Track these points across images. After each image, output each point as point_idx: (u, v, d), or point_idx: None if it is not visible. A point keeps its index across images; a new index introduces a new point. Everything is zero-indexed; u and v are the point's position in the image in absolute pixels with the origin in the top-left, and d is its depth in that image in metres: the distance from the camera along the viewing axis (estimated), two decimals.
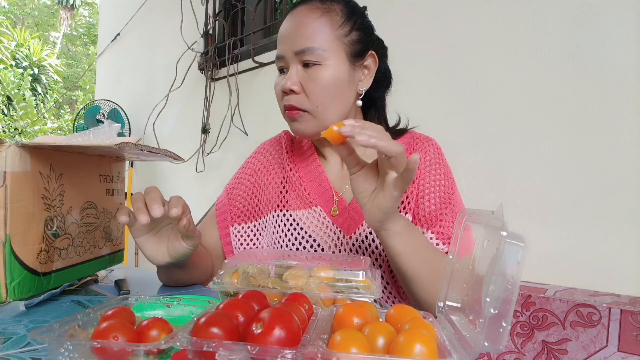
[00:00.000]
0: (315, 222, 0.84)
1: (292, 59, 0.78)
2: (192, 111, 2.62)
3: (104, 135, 0.84)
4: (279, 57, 0.81)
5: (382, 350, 0.40)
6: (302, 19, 0.79)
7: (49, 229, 0.74)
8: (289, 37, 0.79)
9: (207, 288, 0.94)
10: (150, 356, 0.43)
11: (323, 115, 0.79)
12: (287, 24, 0.81)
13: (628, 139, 1.07)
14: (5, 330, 0.59)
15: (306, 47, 0.76)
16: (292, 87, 0.77)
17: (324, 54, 0.77)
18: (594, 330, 1.01)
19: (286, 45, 0.79)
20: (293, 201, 0.87)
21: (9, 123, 9.27)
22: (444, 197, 0.80)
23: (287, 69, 0.80)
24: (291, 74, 0.78)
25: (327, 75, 0.77)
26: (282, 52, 0.80)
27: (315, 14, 0.79)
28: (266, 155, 0.96)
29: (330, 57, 0.77)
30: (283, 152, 0.94)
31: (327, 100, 0.78)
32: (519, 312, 1.13)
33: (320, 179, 0.88)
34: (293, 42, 0.78)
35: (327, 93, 0.78)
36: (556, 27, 1.20)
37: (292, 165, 0.91)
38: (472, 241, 0.50)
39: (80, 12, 17.42)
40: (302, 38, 0.77)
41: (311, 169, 0.90)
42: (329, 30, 0.78)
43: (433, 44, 1.48)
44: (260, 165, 0.95)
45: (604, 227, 1.09)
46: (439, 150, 0.87)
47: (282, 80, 0.81)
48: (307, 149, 0.93)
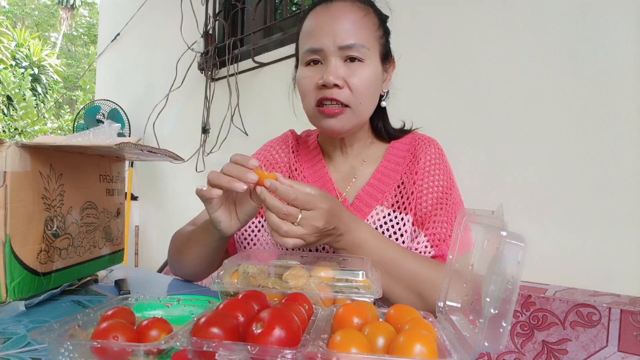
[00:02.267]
0: None
1: (334, 52, 0.77)
2: (192, 111, 2.62)
3: (104, 135, 0.84)
4: (315, 50, 0.78)
5: (382, 350, 0.40)
6: (347, 14, 0.78)
7: (49, 229, 0.74)
8: (332, 30, 0.77)
9: (207, 288, 0.94)
10: (150, 356, 0.43)
11: (362, 112, 0.80)
12: (326, 16, 0.79)
13: (628, 139, 1.07)
14: (5, 330, 0.59)
15: (354, 42, 0.76)
16: (337, 82, 0.76)
17: (368, 52, 0.78)
18: (594, 330, 1.01)
19: (328, 39, 0.77)
20: None
21: (9, 123, 9.27)
22: (441, 197, 0.81)
23: (323, 61, 0.79)
24: (334, 69, 0.76)
25: (369, 72, 0.79)
26: (321, 45, 0.78)
27: (360, 12, 0.79)
28: (272, 153, 0.96)
29: (371, 57, 0.79)
30: (289, 151, 0.95)
31: (367, 98, 0.80)
32: (519, 312, 1.13)
33: (325, 180, 0.89)
34: (337, 36, 0.76)
35: (368, 90, 0.79)
36: (556, 27, 1.20)
37: (297, 165, 0.92)
38: (472, 241, 0.50)
39: (80, 12, 17.42)
40: (349, 33, 0.77)
41: (316, 169, 0.91)
42: (371, 31, 0.80)
43: (433, 43, 1.47)
44: (266, 162, 0.95)
45: (604, 227, 1.09)
46: (441, 151, 0.87)
47: (313, 73, 0.79)
48: (313, 149, 0.94)
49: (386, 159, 0.88)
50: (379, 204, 0.83)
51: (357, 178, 0.89)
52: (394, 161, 0.87)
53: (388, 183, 0.85)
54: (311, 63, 0.80)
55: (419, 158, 0.85)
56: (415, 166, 0.84)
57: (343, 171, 0.90)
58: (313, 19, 0.81)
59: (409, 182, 0.84)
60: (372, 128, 0.92)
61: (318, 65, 0.79)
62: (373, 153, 0.91)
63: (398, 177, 0.85)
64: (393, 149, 0.89)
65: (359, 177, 0.89)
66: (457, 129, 1.39)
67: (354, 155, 0.90)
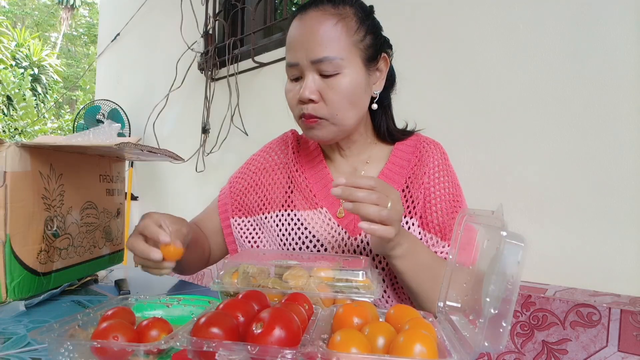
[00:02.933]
0: (320, 223, 0.84)
1: (308, 67, 0.76)
2: (192, 111, 2.62)
3: (104, 135, 0.84)
4: (291, 65, 0.78)
5: (382, 350, 0.40)
6: (316, 26, 0.76)
7: (49, 229, 0.74)
8: (303, 44, 0.76)
9: (207, 288, 0.94)
10: (150, 356, 0.43)
11: (342, 121, 0.79)
12: (300, 30, 0.78)
13: (628, 139, 1.07)
14: (5, 330, 0.59)
15: (324, 56, 0.74)
16: (311, 97, 0.76)
17: (342, 62, 0.75)
18: (594, 330, 1.01)
19: (301, 53, 0.76)
20: (298, 201, 0.87)
21: (9, 123, 9.27)
22: (454, 205, 0.82)
23: (302, 76, 0.78)
24: (309, 83, 0.76)
25: (346, 83, 0.76)
26: (296, 60, 0.77)
27: (331, 21, 0.76)
28: (272, 154, 0.95)
29: (348, 65, 0.76)
30: (289, 152, 0.94)
31: (346, 108, 0.78)
32: (519, 312, 1.13)
33: (326, 180, 0.88)
34: (309, 50, 0.75)
35: (347, 101, 0.77)
36: (556, 27, 1.20)
37: (298, 166, 0.91)
38: (472, 241, 0.50)
39: (80, 12, 17.42)
40: (319, 47, 0.75)
41: (317, 170, 0.90)
42: (345, 38, 0.76)
43: (433, 44, 1.47)
44: (265, 163, 0.94)
45: (604, 227, 1.09)
46: (445, 155, 0.87)
47: (295, 87, 0.79)
48: (314, 150, 0.93)
49: (391, 161, 0.87)
50: None
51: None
52: (399, 164, 0.86)
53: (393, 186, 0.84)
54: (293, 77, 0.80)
55: (425, 163, 0.84)
56: (421, 170, 0.84)
57: (344, 172, 0.90)
58: (292, 29, 0.80)
59: (415, 186, 0.83)
60: (375, 128, 0.90)
61: (298, 80, 0.79)
62: (376, 154, 0.90)
63: (403, 180, 0.84)
64: (398, 150, 0.88)
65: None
66: (457, 129, 1.39)
67: (354, 156, 0.90)
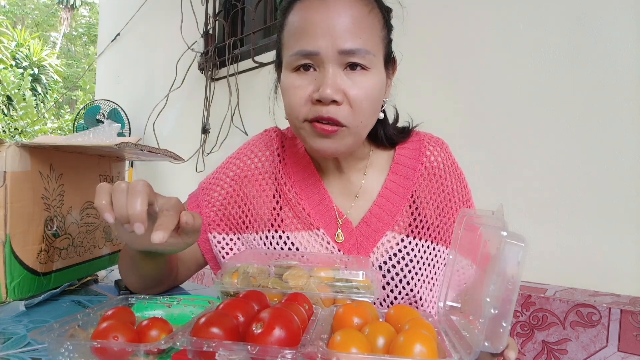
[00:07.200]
0: (317, 247, 0.72)
1: (332, 58, 0.61)
2: (192, 111, 2.62)
3: (104, 135, 0.84)
4: (307, 53, 0.62)
5: (382, 350, 0.40)
6: (348, 10, 0.61)
7: (49, 229, 0.74)
8: (329, 29, 0.60)
9: (207, 288, 0.94)
10: (150, 356, 0.43)
11: (361, 131, 0.66)
12: (322, 11, 0.61)
13: (628, 139, 1.07)
14: (5, 330, 0.59)
15: (358, 47, 0.61)
16: (336, 97, 0.60)
17: (374, 59, 0.63)
18: (594, 330, 1.01)
19: (324, 40, 0.60)
20: (289, 221, 0.74)
21: (9, 123, 9.26)
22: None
23: (317, 67, 0.63)
24: (332, 79, 0.61)
25: (373, 84, 0.63)
26: (317, 48, 0.61)
27: (366, 8, 0.63)
28: (253, 159, 0.79)
29: (377, 64, 0.64)
30: (275, 158, 0.78)
31: (370, 114, 0.65)
32: (519, 312, 1.13)
33: (321, 197, 0.75)
34: (337, 37, 0.60)
35: (372, 106, 0.64)
36: (556, 27, 1.20)
37: (286, 179, 0.76)
38: (473, 241, 0.50)
39: (80, 12, 17.43)
40: (353, 35, 0.61)
41: (309, 183, 0.76)
42: (377, 31, 0.65)
43: (433, 43, 1.47)
44: (247, 171, 0.78)
45: (604, 227, 1.09)
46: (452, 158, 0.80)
47: (304, 82, 0.63)
48: (302, 157, 0.78)
49: (393, 170, 0.76)
50: (389, 229, 0.72)
51: (359, 196, 0.76)
52: (403, 173, 0.75)
53: (398, 202, 0.73)
54: (301, 69, 0.64)
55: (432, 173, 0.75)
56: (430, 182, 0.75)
57: (340, 186, 0.76)
58: (304, 12, 0.63)
59: (424, 200, 0.74)
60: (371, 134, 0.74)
61: (310, 72, 0.63)
62: (374, 163, 0.77)
63: (409, 194, 0.74)
64: (400, 157, 0.77)
65: (362, 195, 0.76)
66: (457, 128, 1.39)
67: (350, 167, 0.76)
